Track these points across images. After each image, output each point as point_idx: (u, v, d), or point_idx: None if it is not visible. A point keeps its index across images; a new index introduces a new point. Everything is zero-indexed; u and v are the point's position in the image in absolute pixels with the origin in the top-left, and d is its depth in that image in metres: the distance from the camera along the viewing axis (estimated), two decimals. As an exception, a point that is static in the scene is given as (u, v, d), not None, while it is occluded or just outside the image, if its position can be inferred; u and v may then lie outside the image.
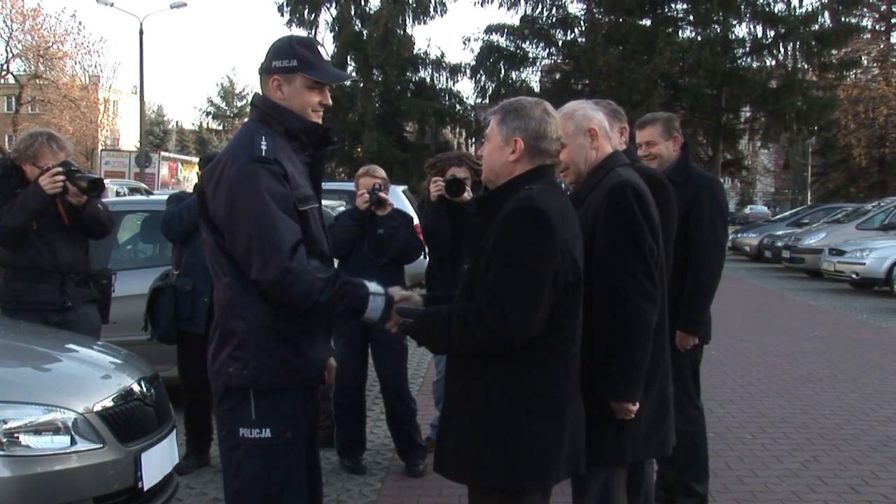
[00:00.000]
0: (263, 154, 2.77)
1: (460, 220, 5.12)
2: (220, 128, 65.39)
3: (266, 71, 2.93)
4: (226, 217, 2.78)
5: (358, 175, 5.55)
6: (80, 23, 55.81)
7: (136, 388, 3.80)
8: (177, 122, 73.69)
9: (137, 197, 14.61)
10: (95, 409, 3.48)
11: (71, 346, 4.29)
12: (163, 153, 38.16)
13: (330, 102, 3.01)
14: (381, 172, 5.51)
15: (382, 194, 5.31)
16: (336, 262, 3.35)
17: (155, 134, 61.97)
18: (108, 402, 3.57)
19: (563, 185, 3.30)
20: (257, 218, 2.72)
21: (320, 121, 3.00)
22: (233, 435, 2.86)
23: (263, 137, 2.82)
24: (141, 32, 32.93)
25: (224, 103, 66.26)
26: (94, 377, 3.83)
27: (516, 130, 2.77)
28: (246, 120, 3.10)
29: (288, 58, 2.89)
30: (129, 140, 52.31)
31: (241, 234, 2.74)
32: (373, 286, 2.87)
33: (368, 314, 2.83)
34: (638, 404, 3.05)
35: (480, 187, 4.30)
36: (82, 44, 40.11)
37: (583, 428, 2.84)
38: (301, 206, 2.84)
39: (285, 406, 2.85)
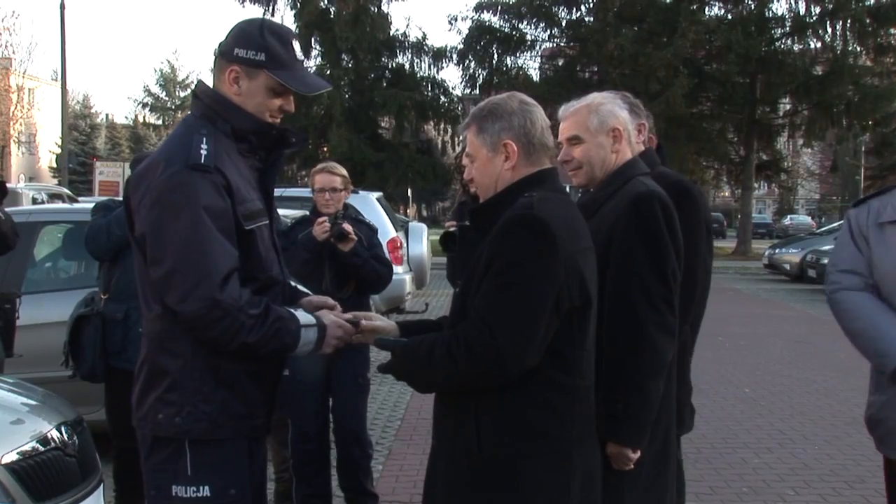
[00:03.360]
0: (202, 161, 2.72)
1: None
2: (160, 122, 65.33)
3: (225, 56, 2.87)
4: (150, 233, 2.73)
5: (314, 172, 5.53)
6: (-14, -5, 55.67)
7: (54, 434, 3.77)
8: (107, 116, 73.65)
9: (59, 205, 14.50)
10: (3, 462, 3.45)
11: (-27, 384, 4.24)
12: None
13: (292, 109, 3.00)
14: (341, 170, 5.51)
15: (346, 226, 5.15)
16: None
17: (80, 129, 61.65)
18: (19, 453, 3.53)
19: (567, 188, 3.32)
20: (187, 237, 2.66)
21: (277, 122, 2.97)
22: (164, 494, 2.82)
23: (204, 139, 2.77)
24: (62, 7, 32.85)
25: (164, 93, 66.30)
26: (1, 422, 3.80)
27: (501, 133, 2.80)
28: (187, 113, 3.07)
29: (255, 49, 2.83)
30: (49, 135, 52.12)
31: (165, 255, 2.69)
32: (303, 317, 2.86)
33: (300, 349, 2.83)
34: (639, 452, 3.07)
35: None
36: (-11, 20, 40.02)
37: (598, 476, 2.84)
38: (248, 225, 2.80)
39: (227, 459, 2.82)
